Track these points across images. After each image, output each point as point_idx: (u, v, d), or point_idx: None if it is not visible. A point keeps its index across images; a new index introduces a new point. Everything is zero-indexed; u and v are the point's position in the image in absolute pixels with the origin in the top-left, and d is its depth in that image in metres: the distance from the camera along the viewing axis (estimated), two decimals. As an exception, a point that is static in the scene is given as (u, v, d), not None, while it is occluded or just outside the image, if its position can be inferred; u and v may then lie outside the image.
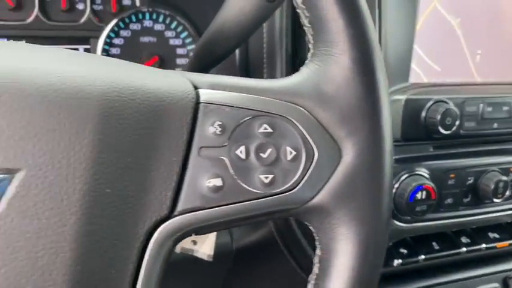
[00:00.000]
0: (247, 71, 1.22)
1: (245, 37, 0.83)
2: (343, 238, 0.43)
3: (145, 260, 0.39)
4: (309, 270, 0.51)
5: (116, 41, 1.24)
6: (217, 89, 0.44)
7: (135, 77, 0.44)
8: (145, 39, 1.27)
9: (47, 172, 0.40)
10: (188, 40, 1.31)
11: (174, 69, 1.31)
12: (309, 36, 0.48)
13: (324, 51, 0.45)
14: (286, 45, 1.08)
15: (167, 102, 0.42)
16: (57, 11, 1.20)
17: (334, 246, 0.44)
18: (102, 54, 1.20)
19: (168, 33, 1.29)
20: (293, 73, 0.52)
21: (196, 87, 0.44)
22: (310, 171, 0.43)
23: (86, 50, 1.23)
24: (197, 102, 0.43)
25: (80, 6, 1.22)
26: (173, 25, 1.29)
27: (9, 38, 1.16)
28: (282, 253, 1.13)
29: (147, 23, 1.27)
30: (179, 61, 1.31)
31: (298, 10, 0.51)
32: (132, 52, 1.26)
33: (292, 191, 0.43)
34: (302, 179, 0.43)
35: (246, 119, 0.43)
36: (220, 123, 0.42)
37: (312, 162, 0.43)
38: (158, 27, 1.28)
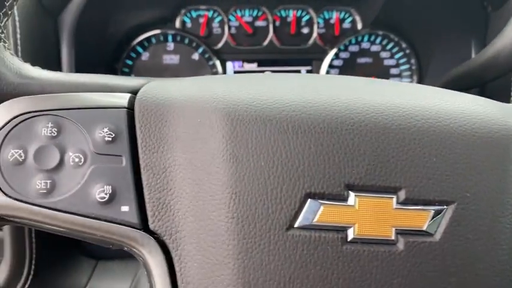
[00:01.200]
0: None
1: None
2: None
3: None
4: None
5: (336, 62, 1.30)
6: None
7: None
8: (362, 60, 1.32)
9: (474, 204, 0.44)
10: (402, 60, 1.32)
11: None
12: None
13: None
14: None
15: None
16: (286, 35, 1.30)
17: None
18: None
19: (384, 54, 1.32)
20: None
21: None
22: None
23: (308, 72, 1.31)
24: None
25: (305, 30, 1.31)
26: (389, 46, 1.31)
27: (243, 61, 1.29)
28: None
29: (365, 44, 1.31)
30: (392, 80, 1.33)
31: None
32: (348, 73, 1.31)
33: None
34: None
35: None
36: None
37: None
38: (375, 48, 1.32)
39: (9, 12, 0.44)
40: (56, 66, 1.01)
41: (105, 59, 1.19)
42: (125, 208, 0.41)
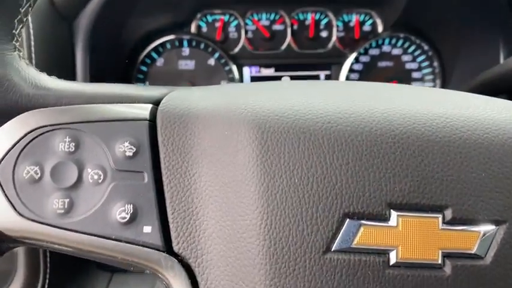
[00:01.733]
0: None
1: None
2: None
3: None
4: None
5: (356, 66, 1.27)
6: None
7: None
8: (383, 64, 1.28)
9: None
10: (425, 64, 1.28)
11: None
12: None
13: None
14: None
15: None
16: (304, 39, 1.26)
17: None
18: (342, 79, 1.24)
19: (405, 58, 1.28)
20: None
21: None
22: None
23: (327, 77, 1.28)
24: None
25: (324, 33, 1.27)
26: (411, 49, 1.27)
27: (260, 66, 1.26)
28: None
29: (386, 48, 1.27)
30: (414, 85, 1.29)
31: None
32: (369, 77, 1.27)
33: None
34: None
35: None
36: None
37: None
38: (396, 51, 1.28)
39: (24, 20, 0.41)
40: (71, 73, 0.99)
41: (119, 65, 1.17)
42: (147, 229, 0.38)
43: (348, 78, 1.25)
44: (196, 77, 1.24)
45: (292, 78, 1.27)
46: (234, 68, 1.23)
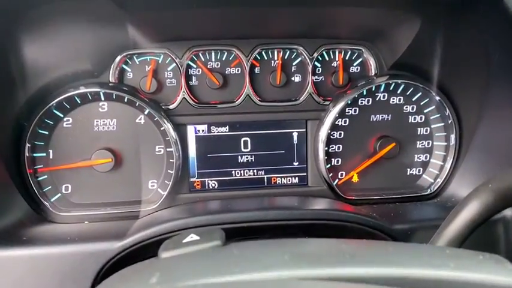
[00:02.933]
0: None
1: None
2: None
3: None
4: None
5: (340, 121, 0.92)
6: None
7: None
8: (377, 117, 0.93)
9: None
10: (434, 116, 0.94)
11: (413, 158, 0.95)
12: None
13: None
14: None
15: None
16: (268, 87, 0.92)
17: None
18: (323, 141, 0.90)
19: (408, 108, 0.94)
20: None
21: None
22: None
23: (300, 135, 0.93)
24: None
25: (296, 78, 0.93)
26: (415, 97, 0.93)
27: (210, 124, 0.91)
28: None
29: (381, 95, 0.93)
30: (420, 144, 0.95)
31: None
32: (357, 136, 0.93)
33: None
34: None
35: None
36: None
37: None
38: (395, 99, 0.94)
39: None
40: None
41: (6, 130, 0.82)
42: None
43: (328, 138, 0.91)
44: (120, 140, 0.89)
45: (254, 138, 0.92)
46: (171, 128, 0.88)
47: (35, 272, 0.70)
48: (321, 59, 0.92)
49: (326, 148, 0.91)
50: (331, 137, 0.92)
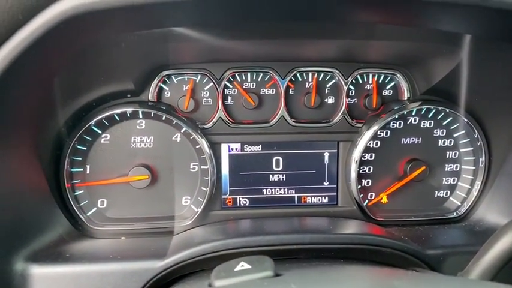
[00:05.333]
0: None
1: None
2: None
3: None
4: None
5: (372, 143, 0.94)
6: None
7: None
8: (407, 140, 0.95)
9: None
10: (463, 140, 0.95)
11: (441, 180, 0.97)
12: None
13: None
14: None
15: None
16: (302, 108, 0.93)
17: None
18: (356, 162, 0.91)
19: (438, 132, 0.95)
20: None
21: None
22: None
23: (331, 155, 0.95)
24: None
25: (329, 100, 0.94)
26: (446, 121, 0.94)
27: (243, 143, 0.93)
28: None
29: (413, 119, 0.94)
30: (449, 168, 0.97)
31: None
32: (388, 158, 0.95)
33: None
34: None
35: None
36: None
37: None
38: (425, 123, 0.95)
39: None
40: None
41: (48, 146, 0.84)
42: None
43: (360, 159, 0.92)
44: (156, 157, 0.91)
45: (286, 158, 0.94)
46: (206, 146, 0.90)
47: (79, 289, 0.72)
48: (354, 82, 0.94)
49: (357, 169, 0.92)
50: (363, 158, 0.94)
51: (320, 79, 0.93)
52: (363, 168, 0.94)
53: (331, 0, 0.57)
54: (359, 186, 0.93)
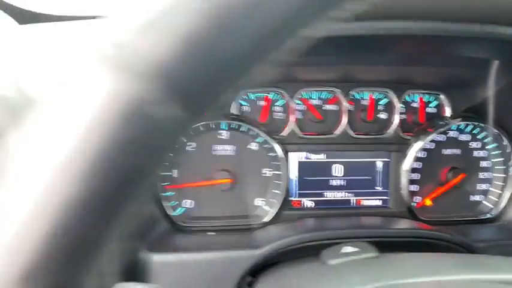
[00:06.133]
0: None
1: None
2: None
3: None
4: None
5: (419, 154, 1.09)
6: None
7: None
8: (448, 151, 1.10)
9: None
10: (495, 152, 1.11)
11: (475, 186, 1.12)
12: None
13: None
14: None
15: None
16: (361, 122, 1.08)
17: None
18: (407, 170, 1.06)
19: (473, 144, 1.11)
20: None
21: None
22: None
23: (384, 164, 1.10)
24: None
25: (383, 115, 1.09)
26: (481, 135, 1.10)
27: (309, 151, 1.07)
28: None
29: (452, 133, 1.10)
30: (482, 175, 1.12)
31: None
32: (432, 166, 1.10)
33: None
34: None
35: None
36: None
37: None
38: (463, 137, 1.11)
39: None
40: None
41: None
42: None
43: (412, 169, 1.07)
44: (234, 164, 1.04)
45: (346, 165, 1.08)
46: (280, 153, 1.04)
47: (189, 275, 0.85)
48: (404, 100, 1.09)
49: (408, 176, 1.07)
50: (412, 166, 1.09)
51: (375, 97, 1.09)
52: (411, 175, 1.09)
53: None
54: (408, 191, 1.08)
